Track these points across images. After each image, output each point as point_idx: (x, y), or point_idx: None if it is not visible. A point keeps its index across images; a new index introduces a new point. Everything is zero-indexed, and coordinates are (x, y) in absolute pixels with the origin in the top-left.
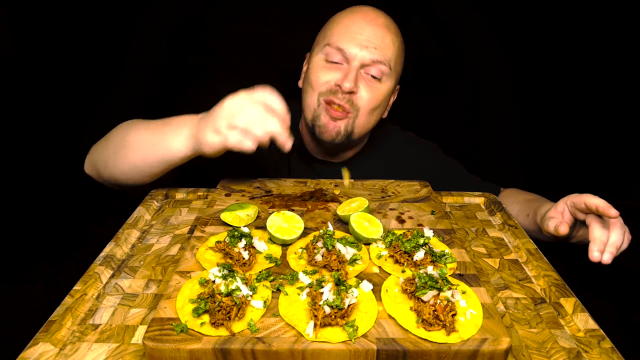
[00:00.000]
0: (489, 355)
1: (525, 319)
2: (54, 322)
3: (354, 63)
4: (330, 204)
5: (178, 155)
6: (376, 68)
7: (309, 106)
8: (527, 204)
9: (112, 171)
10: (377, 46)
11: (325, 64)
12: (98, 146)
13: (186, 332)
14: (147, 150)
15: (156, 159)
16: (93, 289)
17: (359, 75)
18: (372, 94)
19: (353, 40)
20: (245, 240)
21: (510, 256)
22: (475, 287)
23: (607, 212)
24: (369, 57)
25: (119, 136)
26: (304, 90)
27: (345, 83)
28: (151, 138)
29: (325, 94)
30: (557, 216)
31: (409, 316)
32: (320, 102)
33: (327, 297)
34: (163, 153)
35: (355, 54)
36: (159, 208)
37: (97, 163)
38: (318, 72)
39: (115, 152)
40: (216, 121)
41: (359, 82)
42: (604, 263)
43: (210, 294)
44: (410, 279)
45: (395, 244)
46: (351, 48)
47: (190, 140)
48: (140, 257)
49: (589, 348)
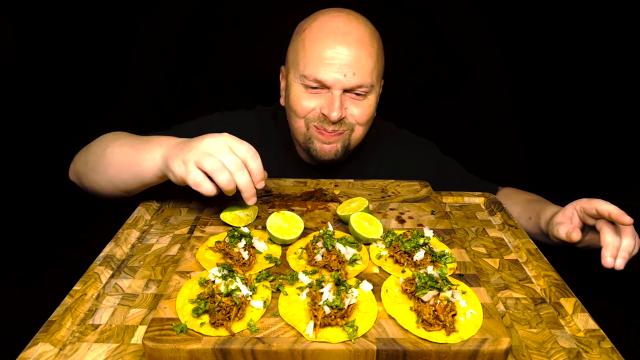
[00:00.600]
0: (489, 355)
1: (525, 319)
2: (54, 322)
3: (335, 91)
4: (330, 204)
5: (149, 175)
6: (359, 90)
7: (297, 130)
8: (528, 205)
9: (91, 182)
10: (356, 70)
11: (305, 90)
12: (80, 155)
13: (186, 332)
14: (123, 165)
15: (129, 176)
16: (93, 289)
17: (343, 97)
18: (361, 110)
19: (330, 69)
20: (245, 241)
21: (510, 256)
22: (475, 287)
23: (620, 219)
24: (349, 84)
25: (99, 147)
26: (289, 115)
27: (332, 114)
28: (128, 154)
29: (314, 120)
30: (566, 221)
31: (409, 316)
32: (309, 126)
33: (327, 297)
34: (137, 170)
35: (334, 82)
36: (158, 208)
37: (79, 171)
38: (300, 101)
39: (93, 164)
40: (187, 154)
41: (345, 104)
42: (617, 269)
43: (210, 294)
44: (410, 279)
45: (395, 244)
46: (330, 78)
47: (161, 162)
48: (140, 257)
49: (589, 348)
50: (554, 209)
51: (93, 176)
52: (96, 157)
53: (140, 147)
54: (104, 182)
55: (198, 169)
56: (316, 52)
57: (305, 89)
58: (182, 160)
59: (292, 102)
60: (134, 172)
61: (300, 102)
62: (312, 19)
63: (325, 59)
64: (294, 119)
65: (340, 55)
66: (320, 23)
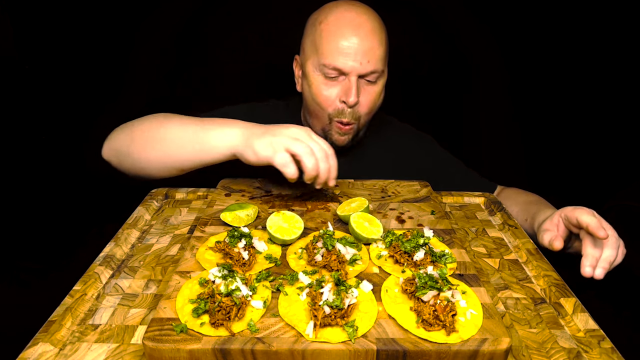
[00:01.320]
0: (489, 355)
1: (525, 319)
2: (54, 322)
3: (351, 77)
4: (330, 204)
5: (215, 152)
6: (372, 76)
7: (319, 120)
8: (527, 206)
9: (137, 160)
10: (370, 58)
11: (324, 79)
12: (123, 133)
13: (186, 332)
14: (185, 142)
15: (191, 153)
16: (93, 289)
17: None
18: (369, 97)
19: (348, 57)
20: (245, 240)
21: (510, 256)
22: (475, 287)
23: (596, 232)
24: (364, 70)
25: (152, 124)
26: (311, 105)
27: (350, 99)
28: (191, 132)
29: (335, 114)
30: (552, 229)
31: (409, 316)
32: (332, 120)
33: (327, 297)
34: (201, 148)
35: (351, 69)
36: (158, 208)
37: (120, 150)
38: (321, 92)
39: (145, 142)
40: (275, 137)
41: (359, 93)
42: (596, 278)
43: (210, 294)
44: (410, 279)
45: (395, 244)
46: (347, 66)
47: (235, 141)
48: (140, 257)
49: (589, 348)
50: (548, 213)
51: (143, 153)
52: (148, 136)
53: (206, 126)
54: (156, 160)
55: (286, 151)
56: (334, 43)
57: (324, 78)
58: (270, 142)
59: (314, 94)
60: (198, 149)
61: (322, 93)
62: (326, 12)
63: (343, 49)
64: (318, 110)
65: (355, 45)
66: (335, 16)
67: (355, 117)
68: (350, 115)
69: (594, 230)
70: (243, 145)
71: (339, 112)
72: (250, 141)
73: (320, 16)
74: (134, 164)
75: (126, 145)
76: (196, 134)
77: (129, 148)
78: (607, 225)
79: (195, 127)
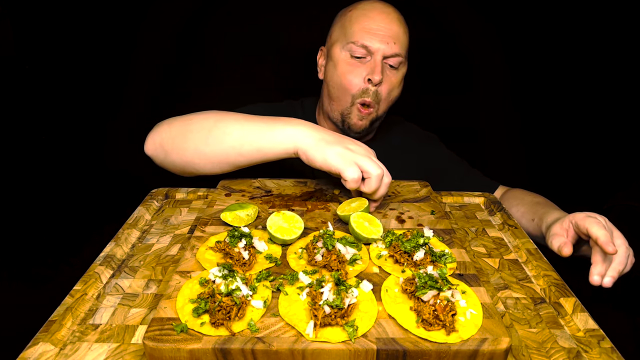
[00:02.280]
0: (489, 355)
1: (525, 319)
2: (54, 322)
3: (377, 57)
4: (330, 204)
5: (280, 150)
6: (395, 59)
7: (340, 103)
8: (534, 207)
9: (189, 156)
10: (396, 40)
11: (350, 60)
12: (173, 128)
13: (186, 332)
14: (247, 139)
15: (254, 149)
16: (93, 288)
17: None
18: (391, 82)
19: (375, 37)
20: (245, 240)
21: (510, 256)
22: (475, 287)
23: (605, 247)
24: (390, 51)
25: (207, 121)
26: (334, 88)
27: (375, 76)
28: (255, 128)
29: (359, 94)
30: (562, 233)
31: (408, 316)
32: (354, 103)
33: (327, 297)
34: (265, 144)
35: (378, 48)
36: (159, 208)
37: (170, 145)
38: (347, 75)
39: (201, 137)
40: (346, 150)
41: (383, 75)
42: (605, 286)
43: (211, 294)
44: (410, 279)
45: (395, 244)
46: (375, 44)
47: (303, 140)
48: (140, 257)
49: (589, 348)
50: (556, 215)
51: (199, 148)
52: (207, 129)
53: (272, 123)
54: (213, 155)
55: (356, 166)
56: (362, 24)
57: (351, 58)
58: (341, 153)
59: (340, 74)
60: (262, 145)
61: (347, 77)
62: (355, 4)
63: (371, 29)
64: (341, 94)
65: (383, 28)
66: (364, 5)
67: (376, 100)
68: (373, 96)
69: (603, 245)
70: (312, 146)
71: (363, 91)
72: (320, 145)
73: (349, 8)
74: (184, 159)
75: (178, 140)
76: (261, 129)
77: (181, 144)
78: (617, 234)
79: (259, 123)
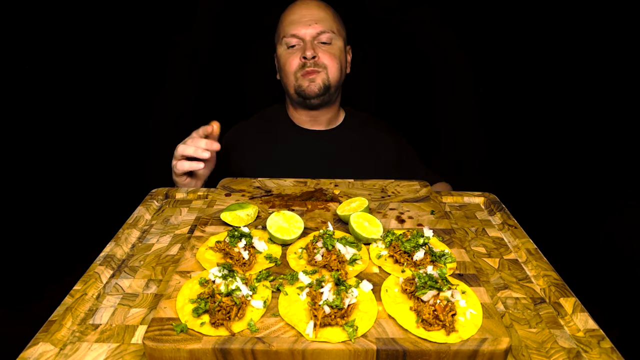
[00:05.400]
0: (489, 355)
1: (525, 319)
2: (54, 322)
3: (306, 39)
4: (330, 204)
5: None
6: (324, 36)
7: (290, 82)
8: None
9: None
10: (318, 21)
11: (288, 50)
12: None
13: (186, 332)
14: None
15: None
16: (93, 289)
17: (314, 45)
18: (329, 53)
19: (299, 24)
20: (245, 240)
21: (510, 256)
22: (475, 287)
23: None
24: (315, 31)
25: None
26: (284, 76)
27: (306, 52)
28: None
29: (299, 69)
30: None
31: (408, 316)
32: (297, 76)
33: (327, 297)
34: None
35: (305, 33)
36: (159, 208)
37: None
38: (287, 59)
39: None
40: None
41: (317, 50)
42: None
43: (210, 294)
44: (410, 279)
45: (395, 244)
46: (300, 30)
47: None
48: (140, 257)
49: (589, 348)
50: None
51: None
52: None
53: None
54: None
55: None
56: (288, 19)
57: (287, 49)
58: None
59: (283, 64)
60: None
61: (287, 60)
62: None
63: (294, 20)
64: (288, 77)
65: (305, 14)
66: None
67: (319, 66)
68: (311, 66)
69: None
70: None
71: (301, 66)
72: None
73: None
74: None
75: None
76: None
77: None
78: None
79: None
